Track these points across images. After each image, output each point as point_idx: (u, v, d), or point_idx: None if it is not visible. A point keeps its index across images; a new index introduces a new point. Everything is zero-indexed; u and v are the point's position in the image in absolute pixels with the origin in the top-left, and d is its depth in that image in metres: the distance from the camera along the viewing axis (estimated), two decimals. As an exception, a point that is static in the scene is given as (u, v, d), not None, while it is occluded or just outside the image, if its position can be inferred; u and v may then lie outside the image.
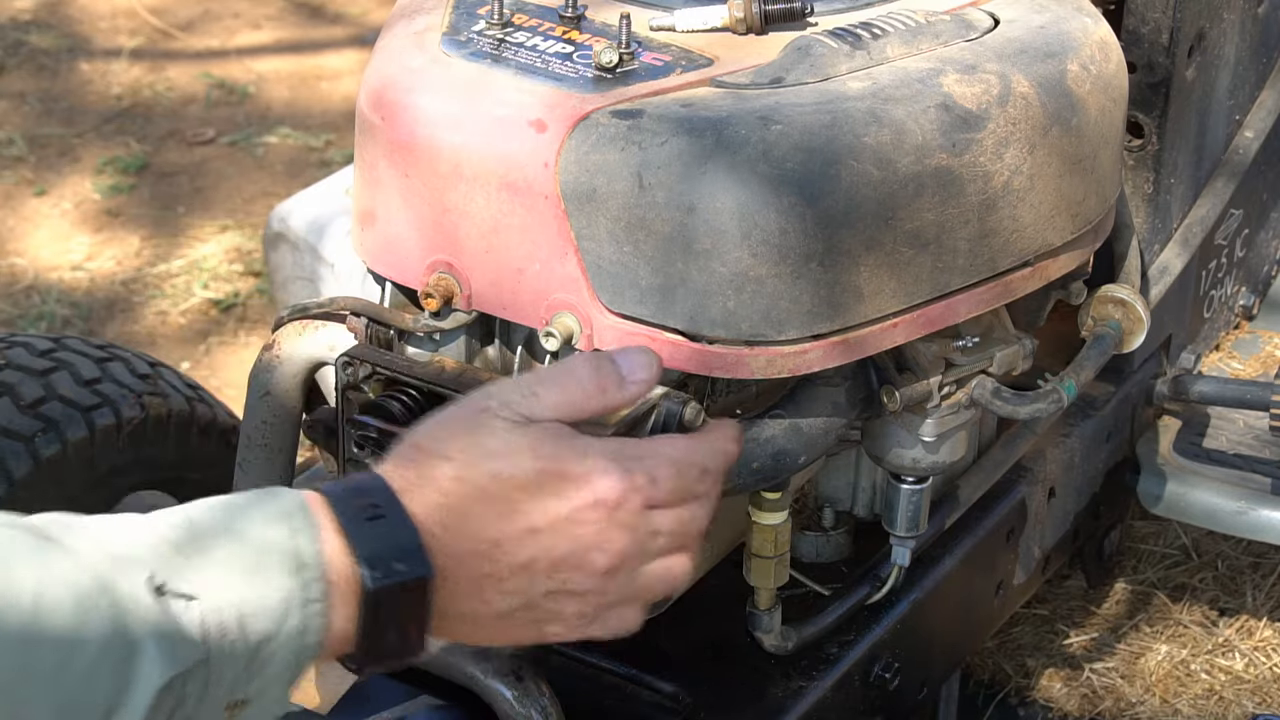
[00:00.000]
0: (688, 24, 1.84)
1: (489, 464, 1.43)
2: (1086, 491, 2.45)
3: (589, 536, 1.45)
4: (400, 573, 1.38)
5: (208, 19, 5.03)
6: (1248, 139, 2.54)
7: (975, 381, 1.91)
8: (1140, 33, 2.32)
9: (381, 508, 1.40)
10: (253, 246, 4.05)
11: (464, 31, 1.85)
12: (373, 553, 1.38)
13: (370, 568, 1.37)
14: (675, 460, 1.50)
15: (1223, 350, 2.74)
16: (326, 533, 1.38)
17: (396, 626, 1.40)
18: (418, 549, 1.40)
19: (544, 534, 1.44)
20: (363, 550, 1.38)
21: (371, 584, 1.37)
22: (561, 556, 1.45)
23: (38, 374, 2.32)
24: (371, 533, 1.39)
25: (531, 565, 1.44)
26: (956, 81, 1.78)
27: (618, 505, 1.46)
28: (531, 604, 1.46)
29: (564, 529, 1.45)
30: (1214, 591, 2.73)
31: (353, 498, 1.41)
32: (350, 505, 1.40)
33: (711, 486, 1.54)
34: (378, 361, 1.82)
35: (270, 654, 1.35)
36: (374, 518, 1.39)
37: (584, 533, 1.45)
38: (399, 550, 1.39)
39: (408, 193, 1.80)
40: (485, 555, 1.43)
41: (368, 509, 1.40)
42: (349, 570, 1.38)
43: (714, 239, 1.69)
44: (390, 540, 1.39)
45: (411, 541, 1.40)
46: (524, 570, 1.44)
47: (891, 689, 2.06)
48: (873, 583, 2.05)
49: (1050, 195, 1.84)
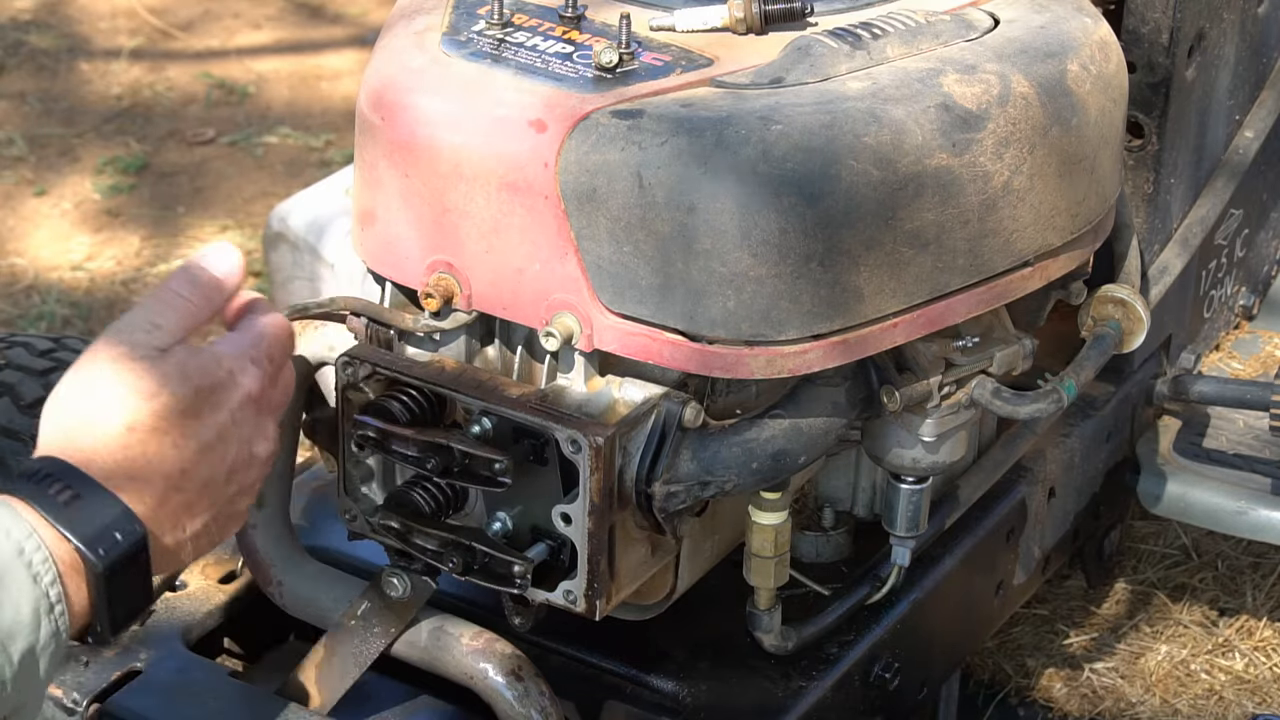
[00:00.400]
0: (688, 24, 1.84)
1: (150, 403, 1.49)
2: (1086, 491, 2.45)
3: (249, 430, 1.56)
4: (119, 542, 1.46)
5: (208, 19, 5.03)
6: (1248, 139, 2.54)
7: (975, 381, 1.91)
8: (1140, 33, 2.32)
9: (73, 487, 1.46)
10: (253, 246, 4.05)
11: (464, 31, 1.85)
12: (88, 533, 1.44)
13: (92, 549, 1.44)
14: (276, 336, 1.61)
15: (1223, 350, 2.74)
16: (42, 530, 1.43)
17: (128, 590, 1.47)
18: (125, 513, 1.47)
19: (216, 446, 1.53)
20: (78, 534, 1.44)
21: (100, 564, 1.44)
22: (235, 459, 1.55)
23: (38, 374, 2.32)
24: (78, 516, 1.45)
25: (214, 478, 1.53)
26: (956, 81, 1.78)
27: (261, 393, 1.57)
28: (219, 512, 1.55)
29: (230, 433, 1.54)
30: (1214, 591, 2.73)
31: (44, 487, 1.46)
32: (45, 496, 1.45)
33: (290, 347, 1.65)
34: (378, 361, 1.82)
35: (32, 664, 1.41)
36: (71, 500, 1.45)
37: (245, 431, 1.56)
38: (109, 523, 1.45)
39: (408, 193, 1.80)
40: (175, 487, 1.51)
41: (62, 493, 1.45)
42: (72, 558, 1.44)
43: (714, 239, 1.69)
44: (97, 516, 1.45)
45: (116, 509, 1.46)
46: (209, 485, 1.53)
47: (891, 689, 2.07)
48: (873, 583, 2.05)
49: (1050, 195, 1.84)
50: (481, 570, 1.78)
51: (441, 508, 1.79)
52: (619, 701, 1.96)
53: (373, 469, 1.86)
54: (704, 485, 1.78)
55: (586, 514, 1.74)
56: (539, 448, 1.75)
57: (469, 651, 1.86)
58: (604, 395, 1.78)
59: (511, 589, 1.78)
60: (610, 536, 1.77)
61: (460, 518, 1.82)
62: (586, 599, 1.78)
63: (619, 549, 1.79)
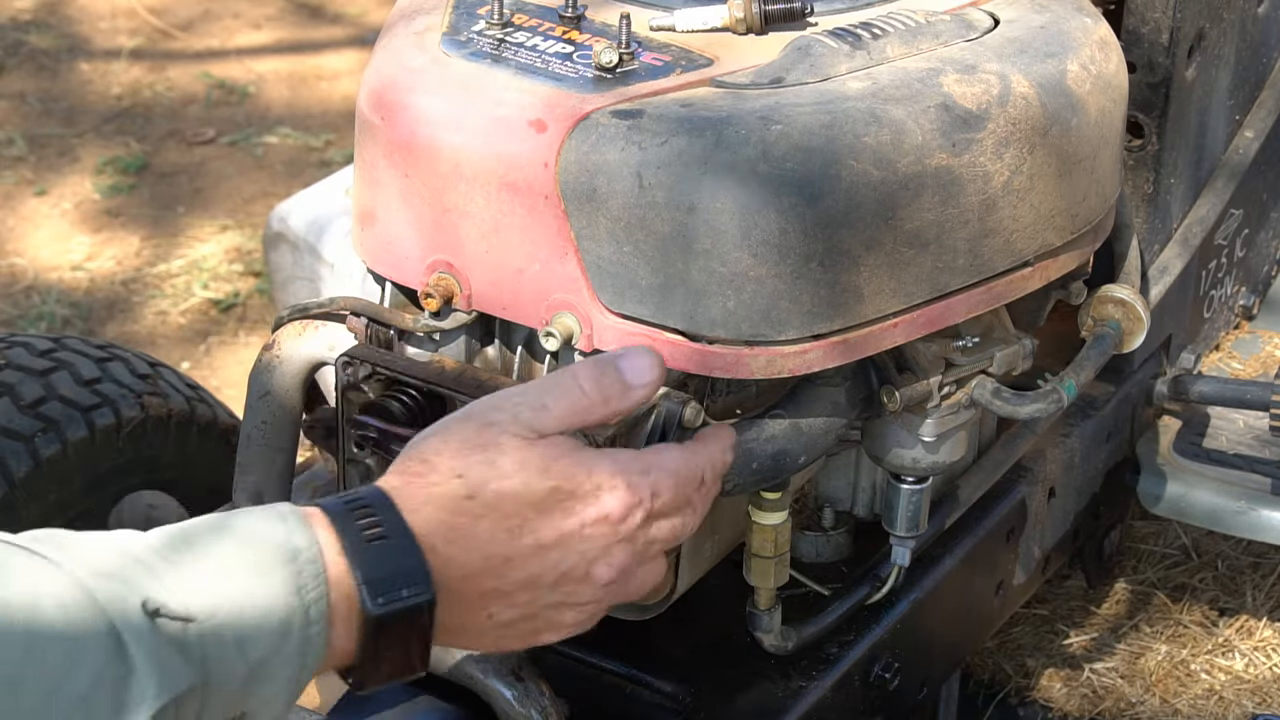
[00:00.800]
0: (688, 24, 1.84)
1: (501, 483, 1.43)
2: (1086, 491, 2.45)
3: (594, 551, 1.47)
4: (403, 598, 1.38)
5: (208, 19, 5.04)
6: (1248, 139, 2.54)
7: (975, 381, 1.91)
8: (1140, 33, 2.32)
9: (384, 527, 1.39)
10: (253, 246, 4.05)
11: (464, 31, 1.85)
12: (376, 576, 1.37)
13: (372, 592, 1.37)
14: (676, 472, 1.52)
15: (1223, 350, 2.74)
16: (329, 553, 1.37)
17: (398, 648, 1.40)
18: (422, 573, 1.39)
19: (552, 550, 1.46)
20: (365, 573, 1.37)
21: (374, 609, 1.37)
22: (567, 570, 1.47)
23: (38, 374, 2.32)
24: (375, 555, 1.37)
25: (538, 580, 1.46)
26: (956, 81, 1.78)
27: (623, 519, 1.48)
28: (533, 615, 1.48)
29: (572, 544, 1.46)
30: (1214, 591, 2.73)
31: (355, 516, 1.39)
32: (352, 524, 1.38)
33: (706, 495, 1.57)
34: (378, 361, 1.82)
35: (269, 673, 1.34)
36: (377, 538, 1.38)
37: (589, 548, 1.47)
38: (403, 575, 1.38)
39: (408, 193, 1.80)
40: (493, 572, 1.43)
41: (371, 528, 1.39)
42: (351, 591, 1.37)
43: (714, 239, 1.69)
44: (394, 563, 1.38)
45: (416, 565, 1.39)
46: (530, 585, 1.46)
47: (891, 689, 2.06)
48: (873, 583, 2.05)
49: (1050, 195, 1.84)
50: (481, 570, 1.78)
51: (441, 508, 1.79)
52: (619, 701, 1.96)
53: (373, 469, 1.86)
54: (704, 485, 1.78)
55: (586, 514, 1.74)
56: (539, 448, 1.75)
57: (469, 651, 1.86)
58: (604, 395, 1.78)
59: (511, 589, 1.78)
60: (610, 536, 1.77)
61: (460, 518, 1.82)
62: (586, 599, 1.78)
63: (619, 549, 1.79)
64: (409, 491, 1.43)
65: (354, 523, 1.38)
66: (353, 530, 1.38)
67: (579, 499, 1.46)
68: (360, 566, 1.37)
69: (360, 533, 1.38)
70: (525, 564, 1.45)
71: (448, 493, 1.42)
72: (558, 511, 1.45)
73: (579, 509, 1.46)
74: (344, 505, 1.40)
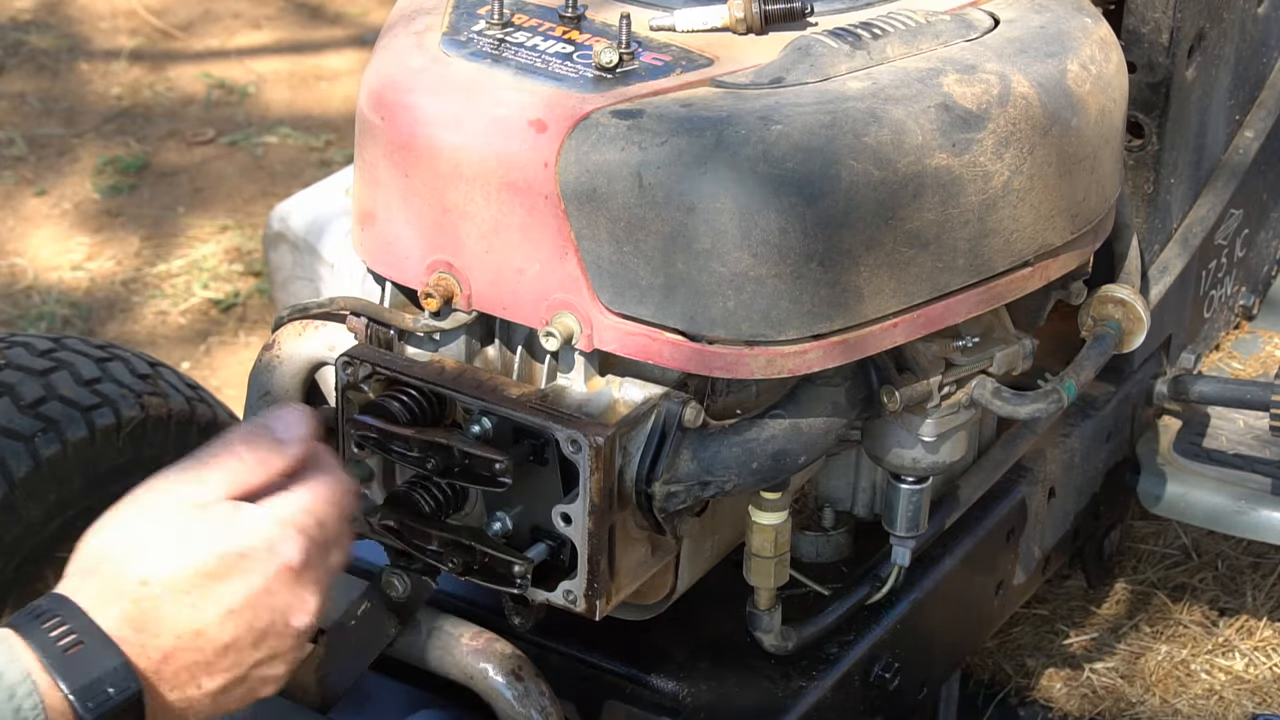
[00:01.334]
0: (688, 24, 1.84)
1: (170, 561, 1.47)
2: (1086, 491, 2.45)
3: (285, 602, 1.52)
4: (111, 696, 1.43)
5: (208, 19, 5.03)
6: (1248, 139, 2.54)
7: (975, 381, 1.91)
8: (1140, 33, 2.32)
9: (78, 634, 1.44)
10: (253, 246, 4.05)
11: (464, 31, 1.85)
12: (82, 685, 1.42)
13: (83, 701, 1.42)
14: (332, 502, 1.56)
15: (1223, 350, 2.74)
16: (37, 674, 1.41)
17: None
18: (123, 667, 1.44)
19: (243, 612, 1.50)
20: (71, 683, 1.42)
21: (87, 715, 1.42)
22: (265, 628, 1.51)
23: (38, 374, 2.31)
24: (75, 664, 1.43)
25: (238, 643, 1.50)
26: (956, 81, 1.78)
27: (305, 564, 1.52)
28: (242, 677, 1.52)
29: (261, 602, 1.50)
30: (1214, 591, 2.73)
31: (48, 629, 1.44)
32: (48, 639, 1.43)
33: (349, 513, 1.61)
34: (378, 361, 1.82)
35: None
36: (73, 645, 1.43)
37: (280, 600, 1.51)
38: (105, 675, 1.43)
39: (408, 193, 1.80)
40: (189, 646, 1.48)
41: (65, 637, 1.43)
42: (64, 706, 1.42)
43: (714, 239, 1.69)
44: (94, 667, 1.43)
45: (115, 661, 1.44)
46: (231, 649, 1.50)
47: (891, 689, 2.06)
48: (873, 583, 2.05)
49: (1050, 195, 1.84)
50: (481, 570, 1.78)
51: (441, 508, 1.79)
52: (619, 701, 1.97)
53: (373, 469, 1.86)
54: (704, 485, 1.78)
55: (586, 514, 1.74)
56: (539, 448, 1.75)
57: (469, 651, 1.86)
58: (604, 395, 1.78)
59: (511, 589, 1.78)
60: (610, 536, 1.77)
61: (460, 518, 1.82)
62: (586, 599, 1.78)
63: (619, 549, 1.79)
64: (88, 590, 1.47)
65: (48, 635, 1.43)
66: (49, 644, 1.43)
67: (253, 558, 1.50)
68: (65, 679, 1.42)
69: (55, 644, 1.43)
70: (218, 632, 1.49)
71: (123, 582, 1.46)
72: (234, 575, 1.49)
73: (256, 567, 1.50)
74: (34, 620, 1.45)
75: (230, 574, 1.49)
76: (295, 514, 1.54)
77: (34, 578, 2.29)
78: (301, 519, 1.54)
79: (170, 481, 1.52)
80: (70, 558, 1.50)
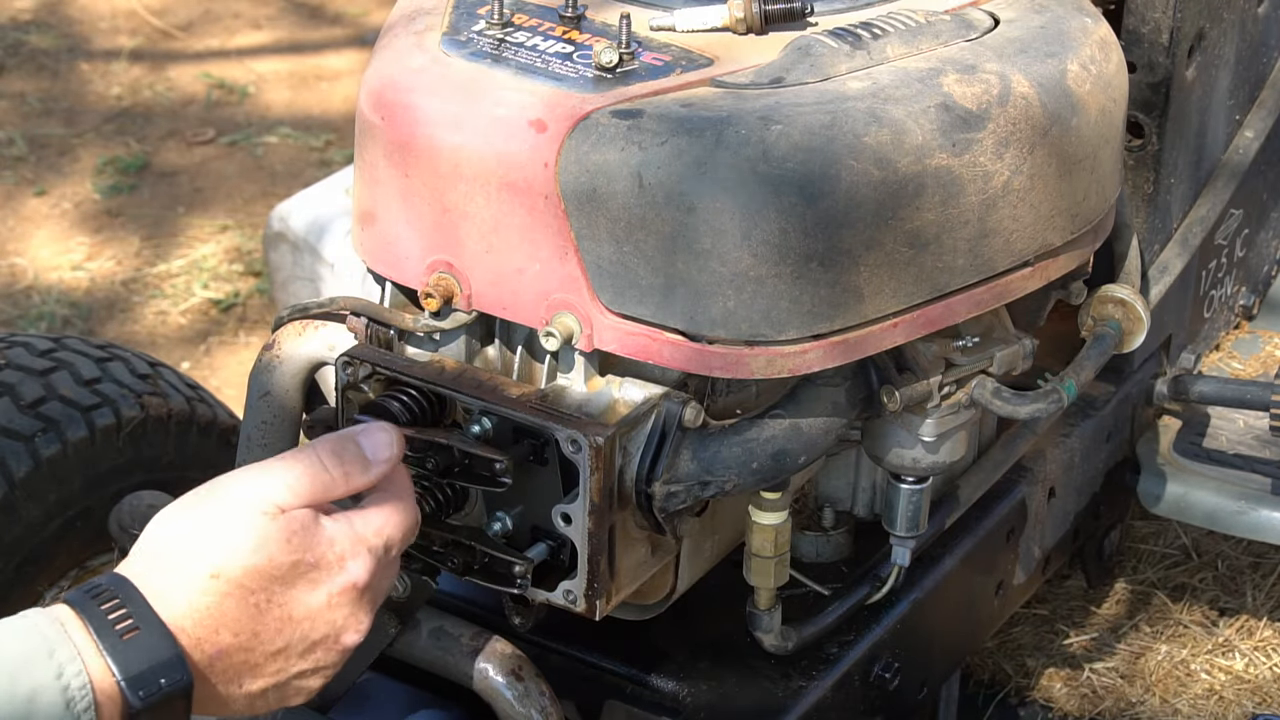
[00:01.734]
0: (688, 24, 1.84)
1: (244, 559, 1.48)
2: (1086, 491, 2.45)
3: (343, 619, 1.53)
4: (162, 686, 1.43)
5: (208, 19, 5.04)
6: (1248, 139, 2.54)
7: (975, 381, 1.91)
8: (1140, 33, 2.32)
9: (135, 619, 1.44)
10: (253, 246, 4.05)
11: (464, 31, 1.85)
12: (135, 671, 1.43)
13: (134, 688, 1.42)
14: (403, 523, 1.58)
15: (1223, 350, 2.74)
16: (89, 655, 1.42)
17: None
18: (178, 660, 1.45)
19: (302, 622, 1.51)
20: (125, 669, 1.42)
21: (138, 703, 1.42)
22: (318, 640, 1.53)
23: (38, 374, 2.32)
24: (131, 651, 1.43)
25: (288, 650, 1.51)
26: (956, 81, 1.78)
27: (368, 585, 1.54)
28: (283, 684, 1.53)
29: (321, 615, 1.52)
30: (1214, 591, 2.73)
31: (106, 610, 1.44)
32: (105, 621, 1.43)
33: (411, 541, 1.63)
34: (378, 361, 1.82)
35: None
36: (129, 630, 1.43)
37: (338, 616, 1.53)
38: (159, 665, 1.44)
39: (408, 193, 1.80)
40: (243, 646, 1.49)
41: (123, 621, 1.44)
42: (113, 691, 1.42)
43: (714, 239, 1.69)
44: (150, 655, 1.43)
45: (171, 652, 1.44)
46: (280, 654, 1.51)
47: (891, 689, 2.06)
48: (873, 583, 2.05)
49: (1050, 195, 1.84)
50: (481, 570, 1.78)
51: (441, 508, 1.79)
52: (619, 701, 1.97)
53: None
54: (704, 485, 1.78)
55: (586, 514, 1.74)
56: (539, 448, 1.75)
57: (469, 651, 1.86)
58: (604, 395, 1.78)
59: (511, 589, 1.78)
60: (610, 536, 1.77)
61: (460, 518, 1.82)
62: (586, 599, 1.78)
63: (619, 549, 1.79)
64: (154, 576, 1.47)
65: (106, 618, 1.44)
66: (106, 627, 1.43)
67: (324, 570, 1.51)
68: (119, 664, 1.42)
69: (113, 628, 1.43)
70: (274, 637, 1.50)
71: (192, 574, 1.47)
72: (303, 584, 1.50)
73: (325, 580, 1.51)
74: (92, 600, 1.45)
75: (299, 582, 1.50)
76: (369, 534, 1.55)
77: (34, 578, 2.29)
78: (374, 540, 1.55)
79: (253, 479, 1.51)
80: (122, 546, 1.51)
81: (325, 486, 1.53)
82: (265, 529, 1.48)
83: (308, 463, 1.53)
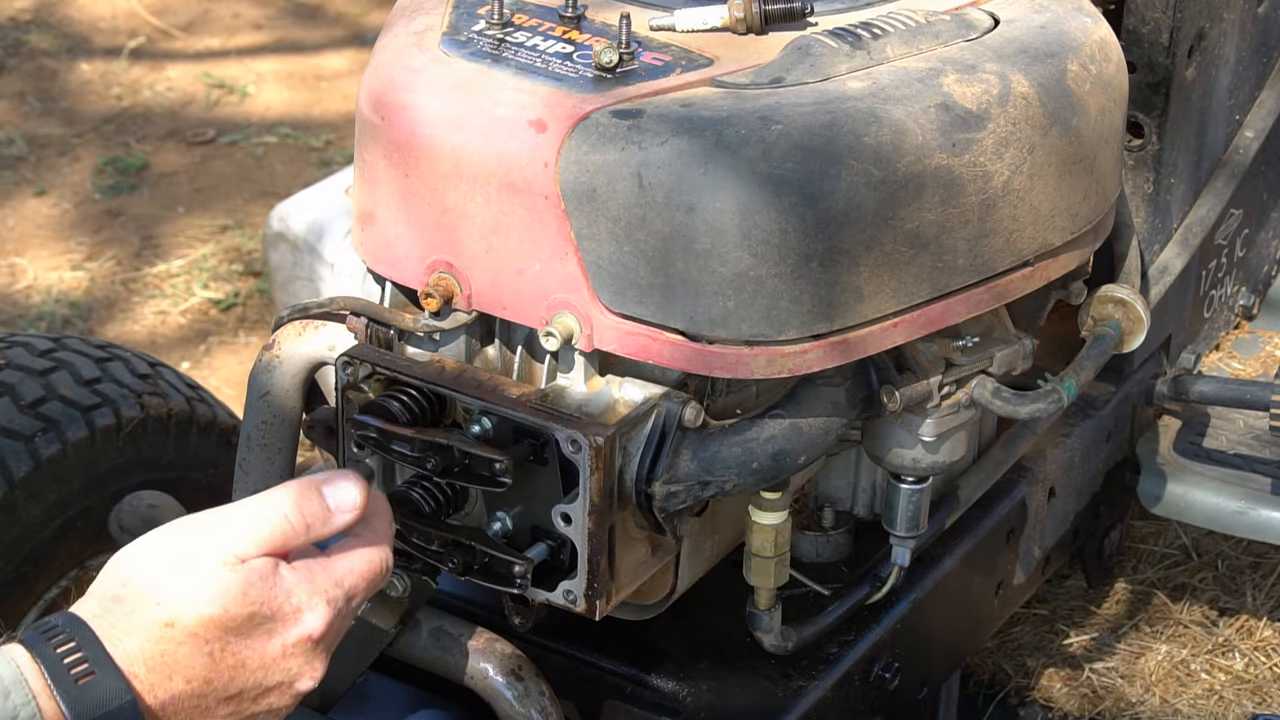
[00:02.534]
0: (688, 24, 1.84)
1: (200, 609, 1.48)
2: (1086, 491, 2.45)
3: (298, 668, 1.54)
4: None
5: (208, 19, 5.04)
6: (1248, 139, 2.54)
7: (975, 381, 1.91)
8: (1140, 33, 2.32)
9: (91, 664, 1.45)
10: (253, 246, 4.05)
11: (464, 31, 1.85)
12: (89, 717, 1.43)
13: None
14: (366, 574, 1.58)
15: (1223, 350, 2.74)
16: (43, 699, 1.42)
17: None
18: (130, 705, 1.45)
19: (256, 671, 1.52)
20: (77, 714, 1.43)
21: None
22: (271, 686, 1.53)
23: (38, 374, 2.32)
24: (85, 695, 1.44)
25: (240, 695, 1.52)
26: (956, 81, 1.78)
27: (324, 635, 1.55)
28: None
29: (275, 664, 1.53)
30: (1214, 591, 2.73)
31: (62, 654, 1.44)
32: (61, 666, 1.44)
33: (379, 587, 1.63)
34: (378, 361, 1.82)
35: None
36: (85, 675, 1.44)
37: (294, 665, 1.54)
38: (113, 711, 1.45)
39: (407, 193, 1.80)
40: (196, 693, 1.49)
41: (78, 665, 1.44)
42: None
43: (714, 239, 1.69)
44: (103, 701, 1.44)
45: (124, 698, 1.45)
46: (234, 699, 1.52)
47: (891, 689, 2.07)
48: (873, 583, 2.05)
49: (1050, 195, 1.84)
50: (481, 570, 1.78)
51: (441, 508, 1.79)
52: (619, 701, 1.97)
53: (373, 469, 1.86)
54: (704, 485, 1.78)
55: (586, 514, 1.74)
56: (539, 448, 1.75)
57: (469, 651, 1.86)
58: (604, 395, 1.78)
59: (511, 589, 1.78)
60: (610, 536, 1.77)
61: (460, 518, 1.82)
62: (586, 599, 1.78)
63: (619, 549, 1.79)
64: (110, 620, 1.48)
65: (60, 661, 1.44)
66: (61, 670, 1.44)
67: (279, 621, 1.52)
68: (72, 709, 1.43)
69: (67, 672, 1.44)
70: (228, 684, 1.51)
71: (147, 620, 1.47)
72: (258, 634, 1.51)
73: (280, 631, 1.52)
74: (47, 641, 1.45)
75: (254, 633, 1.50)
76: (329, 585, 1.55)
77: (34, 578, 2.29)
78: (333, 591, 1.55)
79: (213, 525, 1.52)
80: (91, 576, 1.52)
81: (285, 537, 1.53)
82: (223, 580, 1.49)
83: (270, 511, 1.54)
